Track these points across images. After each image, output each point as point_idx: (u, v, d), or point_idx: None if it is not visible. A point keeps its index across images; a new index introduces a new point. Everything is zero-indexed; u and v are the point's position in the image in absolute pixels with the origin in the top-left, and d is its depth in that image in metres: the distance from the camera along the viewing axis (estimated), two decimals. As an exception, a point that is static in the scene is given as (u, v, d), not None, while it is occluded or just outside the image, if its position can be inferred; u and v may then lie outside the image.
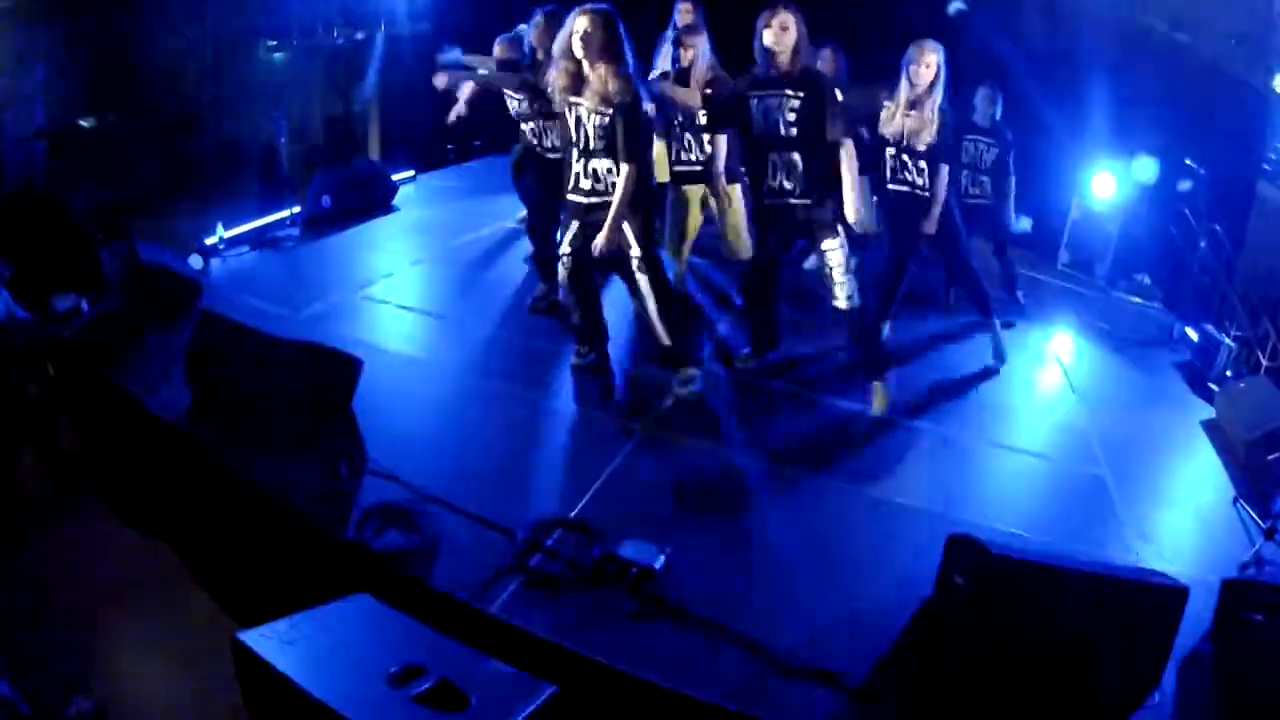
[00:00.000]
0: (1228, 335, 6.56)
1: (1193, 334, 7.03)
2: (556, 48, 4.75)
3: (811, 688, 3.36)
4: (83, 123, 6.11)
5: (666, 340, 5.19)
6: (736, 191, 6.18)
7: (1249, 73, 7.45)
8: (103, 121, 6.21)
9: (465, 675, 2.60)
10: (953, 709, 3.28)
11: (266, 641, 2.65)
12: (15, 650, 3.34)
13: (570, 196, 5.01)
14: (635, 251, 5.01)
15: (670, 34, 6.20)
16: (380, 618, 2.94)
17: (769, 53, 4.92)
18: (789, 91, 4.93)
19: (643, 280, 5.07)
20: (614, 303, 5.67)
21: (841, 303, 5.16)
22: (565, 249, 5.11)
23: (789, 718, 3.22)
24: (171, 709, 3.24)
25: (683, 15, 6.39)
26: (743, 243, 6.31)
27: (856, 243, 5.43)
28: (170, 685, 3.35)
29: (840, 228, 5.10)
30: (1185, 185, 7.76)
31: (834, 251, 5.11)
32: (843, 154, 5.04)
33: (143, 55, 6.28)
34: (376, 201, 8.17)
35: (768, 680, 3.37)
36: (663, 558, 3.77)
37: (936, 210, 5.77)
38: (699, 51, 5.82)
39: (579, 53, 4.64)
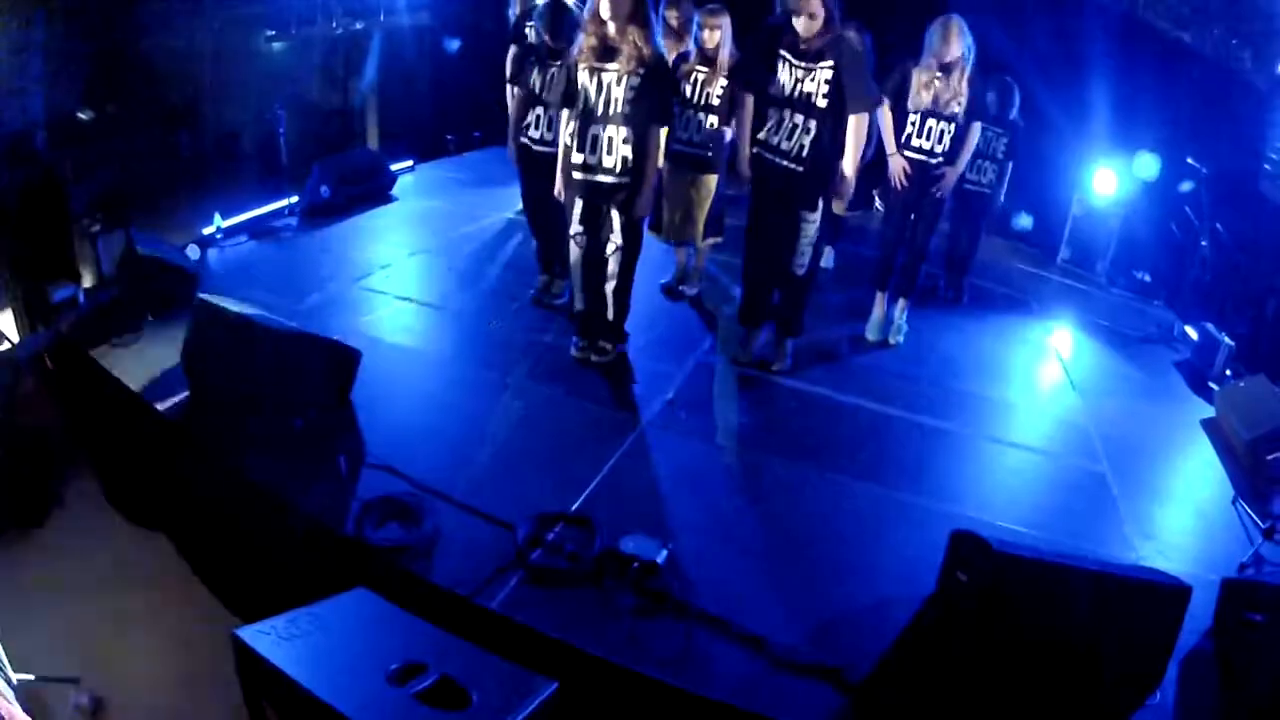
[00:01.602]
0: (1228, 334, 6.55)
1: (1192, 332, 7.02)
2: (585, 13, 4.81)
3: (813, 683, 3.36)
4: (81, 115, 6.07)
5: (610, 315, 5.34)
6: (713, 181, 6.17)
7: (1251, 71, 7.44)
8: (101, 114, 6.16)
9: (466, 672, 2.59)
10: (955, 705, 3.27)
11: (265, 637, 2.63)
12: (12, 644, 3.32)
13: (575, 174, 5.01)
14: (617, 238, 5.08)
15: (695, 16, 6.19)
16: (380, 613, 2.93)
17: (799, 30, 4.94)
18: (823, 63, 4.95)
19: (614, 260, 5.16)
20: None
21: (795, 269, 5.36)
22: (577, 228, 5.12)
23: (791, 714, 3.21)
24: (169, 704, 3.22)
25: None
26: (699, 229, 6.37)
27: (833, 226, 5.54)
28: (168, 680, 3.33)
29: (820, 201, 5.21)
30: (1187, 186, 7.74)
31: (809, 224, 5.24)
32: (852, 124, 5.08)
33: (142, 46, 6.24)
34: (375, 192, 8.14)
35: (769, 676, 3.36)
36: (664, 553, 3.76)
37: (955, 174, 5.89)
38: (725, 34, 5.81)
39: (606, 15, 4.68)
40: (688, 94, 5.89)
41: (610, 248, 5.12)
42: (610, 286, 5.24)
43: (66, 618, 3.55)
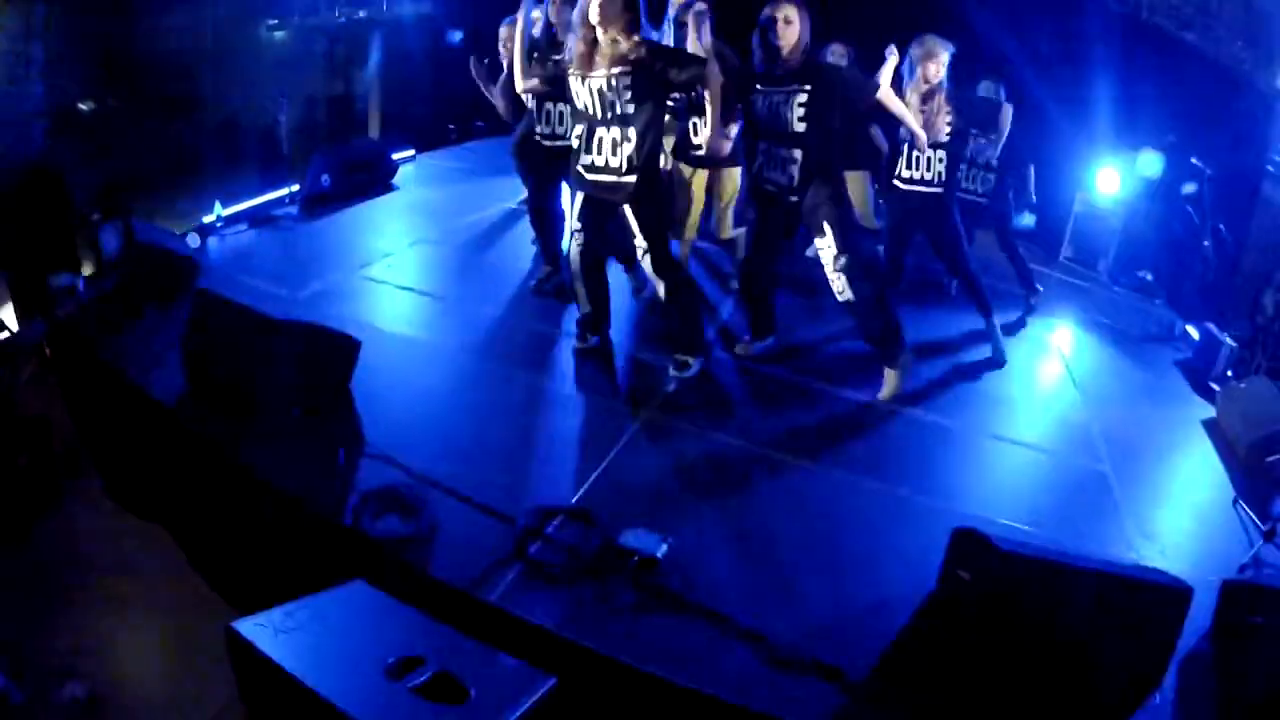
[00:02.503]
0: (1229, 334, 6.54)
1: (1194, 332, 7.01)
2: (575, 16, 4.72)
3: (813, 681, 3.34)
4: (81, 106, 6.05)
5: (688, 330, 5.26)
6: (736, 175, 6.16)
7: (1255, 73, 7.42)
8: (101, 105, 6.15)
9: (464, 666, 2.57)
10: (955, 704, 3.27)
11: (261, 630, 2.62)
12: (7, 636, 3.31)
13: (580, 174, 4.97)
14: (640, 242, 5.02)
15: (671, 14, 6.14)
16: (377, 606, 2.91)
17: (773, 47, 4.90)
18: (796, 86, 4.93)
19: (648, 268, 5.09)
20: (617, 288, 5.65)
21: (840, 297, 5.20)
22: (575, 225, 5.09)
23: (790, 711, 3.19)
24: (166, 696, 3.21)
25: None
26: (727, 224, 6.39)
27: (855, 236, 5.44)
28: (164, 672, 3.33)
29: (828, 225, 5.09)
30: (1190, 188, 7.72)
31: (824, 250, 5.15)
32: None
33: (143, 35, 6.22)
34: (376, 181, 8.13)
35: (769, 673, 3.34)
36: (664, 547, 3.75)
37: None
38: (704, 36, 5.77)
39: (595, 19, 4.60)
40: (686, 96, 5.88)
41: (639, 252, 5.09)
42: (669, 294, 5.13)
43: (63, 609, 3.54)
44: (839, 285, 5.16)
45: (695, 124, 5.95)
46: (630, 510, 4.04)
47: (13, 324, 5.04)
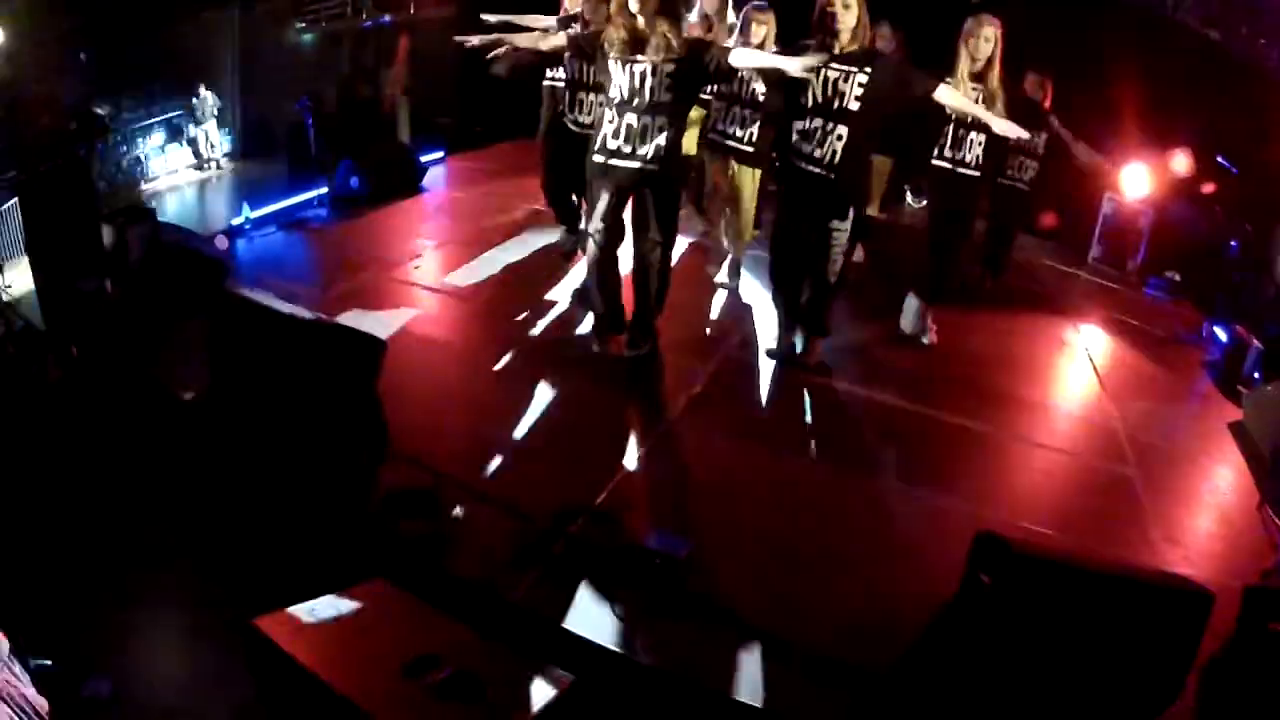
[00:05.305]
0: (1258, 336, 6.47)
1: (1222, 333, 6.93)
2: (614, 6, 4.83)
3: (834, 683, 3.34)
4: (98, 110, 6.13)
5: (652, 315, 5.35)
6: (754, 176, 6.18)
7: (1278, 70, 7.35)
8: (117, 109, 6.23)
9: (482, 665, 2.60)
10: (973, 708, 3.26)
11: (281, 627, 2.65)
12: (31, 630, 3.36)
13: (604, 159, 5.00)
14: (655, 235, 5.09)
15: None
16: (398, 604, 2.95)
17: (833, 31, 4.92)
18: (856, 68, 4.95)
19: (654, 255, 5.16)
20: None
21: (829, 277, 5.34)
22: (597, 225, 5.12)
23: (811, 713, 3.21)
24: (187, 692, 3.24)
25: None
26: (740, 224, 6.46)
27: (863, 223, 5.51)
28: (186, 668, 3.36)
29: (853, 209, 5.21)
30: (1210, 187, 7.66)
31: (840, 232, 5.22)
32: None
33: (169, 38, 6.29)
34: (405, 183, 8.18)
35: (789, 675, 3.35)
36: (687, 549, 3.75)
37: None
38: (770, 30, 5.80)
39: (635, 8, 4.71)
40: (733, 89, 5.90)
41: (649, 244, 5.13)
42: (654, 284, 5.24)
43: (87, 605, 3.58)
44: (837, 267, 5.31)
45: (738, 114, 5.97)
46: (654, 511, 4.06)
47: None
